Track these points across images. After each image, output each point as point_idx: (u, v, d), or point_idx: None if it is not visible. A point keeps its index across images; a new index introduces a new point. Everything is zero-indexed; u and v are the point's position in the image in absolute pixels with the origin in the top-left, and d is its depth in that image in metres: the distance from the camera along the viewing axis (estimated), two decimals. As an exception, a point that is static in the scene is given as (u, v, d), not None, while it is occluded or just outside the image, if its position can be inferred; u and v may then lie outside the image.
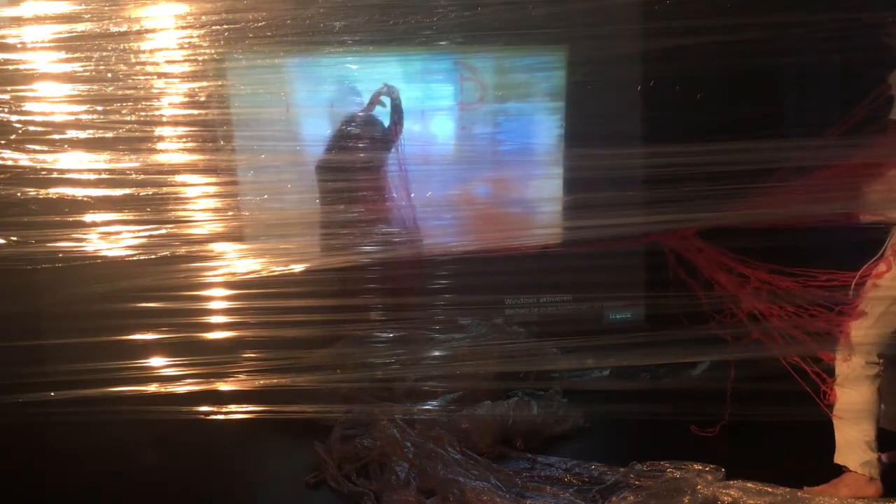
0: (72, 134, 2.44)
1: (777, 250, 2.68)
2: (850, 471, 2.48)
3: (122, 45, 2.40)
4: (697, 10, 2.51)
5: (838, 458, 2.52)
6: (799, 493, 2.50)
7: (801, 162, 2.54)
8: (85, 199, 2.49)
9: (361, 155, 3.32)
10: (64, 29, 2.35)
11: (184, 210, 2.58)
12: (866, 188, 2.50)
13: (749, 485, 2.57)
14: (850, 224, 2.57)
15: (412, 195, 3.50)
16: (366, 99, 3.62)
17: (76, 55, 2.38)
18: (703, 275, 2.85)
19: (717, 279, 2.82)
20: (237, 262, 2.63)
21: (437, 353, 3.34)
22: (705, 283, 2.83)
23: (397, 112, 3.58)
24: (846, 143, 2.46)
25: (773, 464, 2.65)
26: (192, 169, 2.59)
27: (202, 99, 2.56)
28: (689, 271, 2.89)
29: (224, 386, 2.68)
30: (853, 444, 2.48)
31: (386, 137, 3.56)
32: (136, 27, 2.40)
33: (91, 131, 2.45)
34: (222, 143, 2.82)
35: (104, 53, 2.40)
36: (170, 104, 2.52)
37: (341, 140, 3.45)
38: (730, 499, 2.53)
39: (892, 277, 2.44)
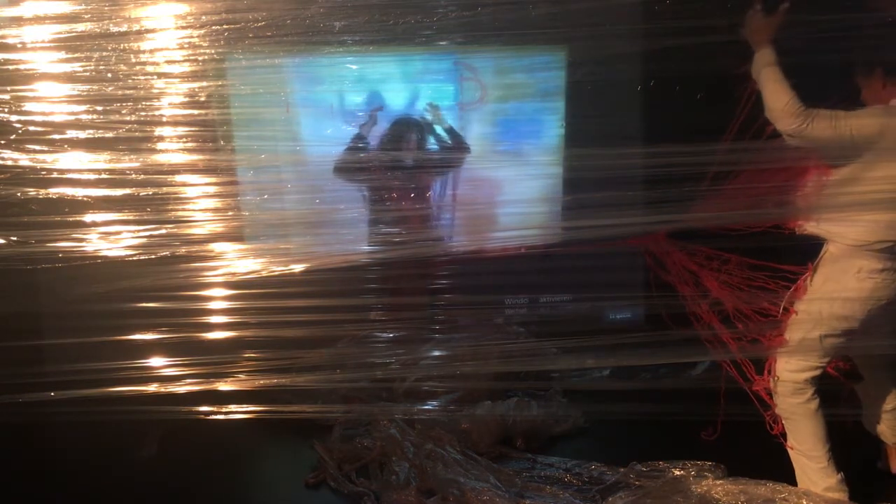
0: (72, 134, 2.44)
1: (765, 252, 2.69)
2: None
3: (122, 45, 2.40)
4: (697, 10, 2.51)
5: (801, 486, 2.52)
6: (798, 490, 2.50)
7: (799, 162, 2.53)
8: (85, 199, 2.49)
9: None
10: (64, 29, 2.35)
11: (184, 210, 2.58)
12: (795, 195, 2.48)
13: (749, 483, 2.57)
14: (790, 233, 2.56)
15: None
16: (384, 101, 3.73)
17: (76, 55, 2.38)
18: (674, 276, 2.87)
19: (678, 282, 2.84)
20: (237, 262, 2.63)
21: (437, 353, 3.34)
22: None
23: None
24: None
25: (772, 463, 2.65)
26: (192, 169, 2.59)
27: (202, 99, 2.56)
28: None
29: (224, 386, 2.67)
30: (809, 473, 2.50)
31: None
32: (136, 27, 2.40)
33: (91, 131, 2.45)
34: (222, 143, 2.82)
35: (104, 53, 2.39)
36: (170, 104, 2.52)
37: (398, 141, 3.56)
38: (729, 497, 2.53)
39: (808, 300, 2.43)
